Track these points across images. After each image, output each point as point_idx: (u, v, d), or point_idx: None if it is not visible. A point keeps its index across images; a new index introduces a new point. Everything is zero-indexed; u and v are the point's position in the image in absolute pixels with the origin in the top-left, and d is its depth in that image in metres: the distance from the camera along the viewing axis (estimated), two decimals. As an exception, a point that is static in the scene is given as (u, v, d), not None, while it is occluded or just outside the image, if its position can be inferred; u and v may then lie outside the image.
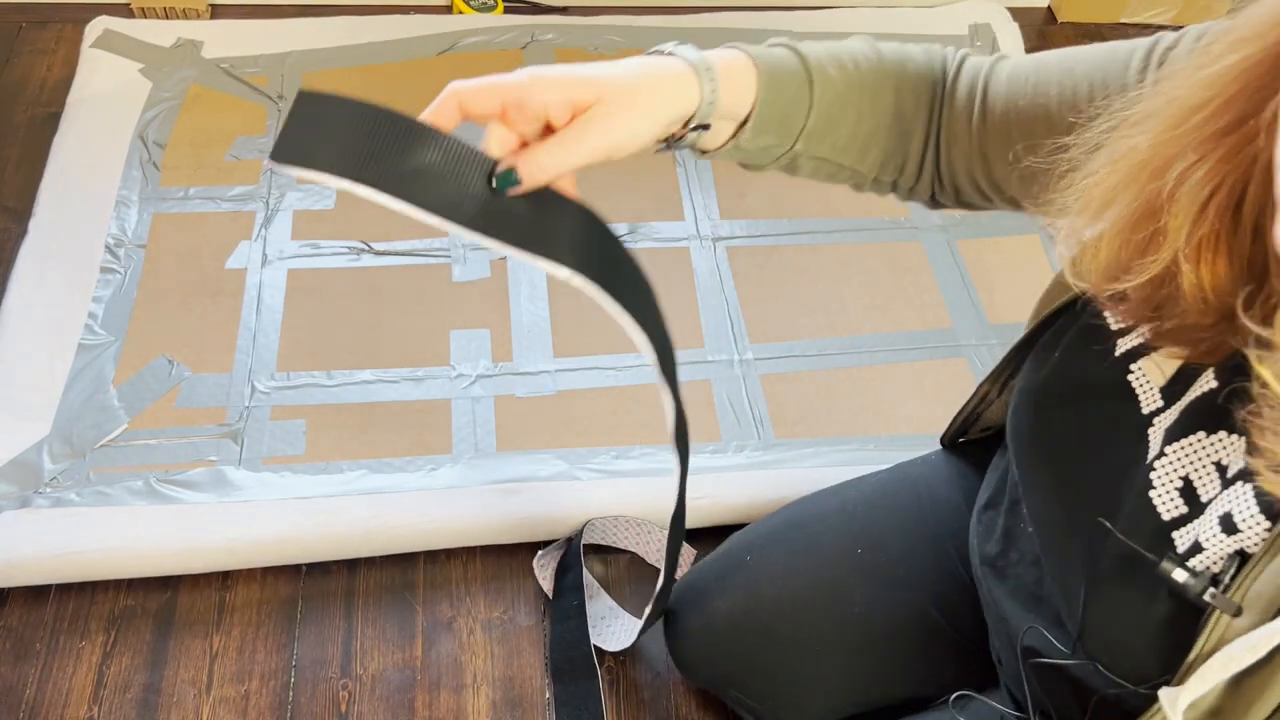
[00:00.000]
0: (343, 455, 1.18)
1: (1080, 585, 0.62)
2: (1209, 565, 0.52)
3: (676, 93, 0.57)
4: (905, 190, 0.72)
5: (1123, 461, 0.59)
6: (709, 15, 1.78)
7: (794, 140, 0.64)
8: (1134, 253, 0.52)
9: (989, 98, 0.66)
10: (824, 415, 1.27)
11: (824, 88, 0.63)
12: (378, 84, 1.61)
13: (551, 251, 0.54)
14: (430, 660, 1.07)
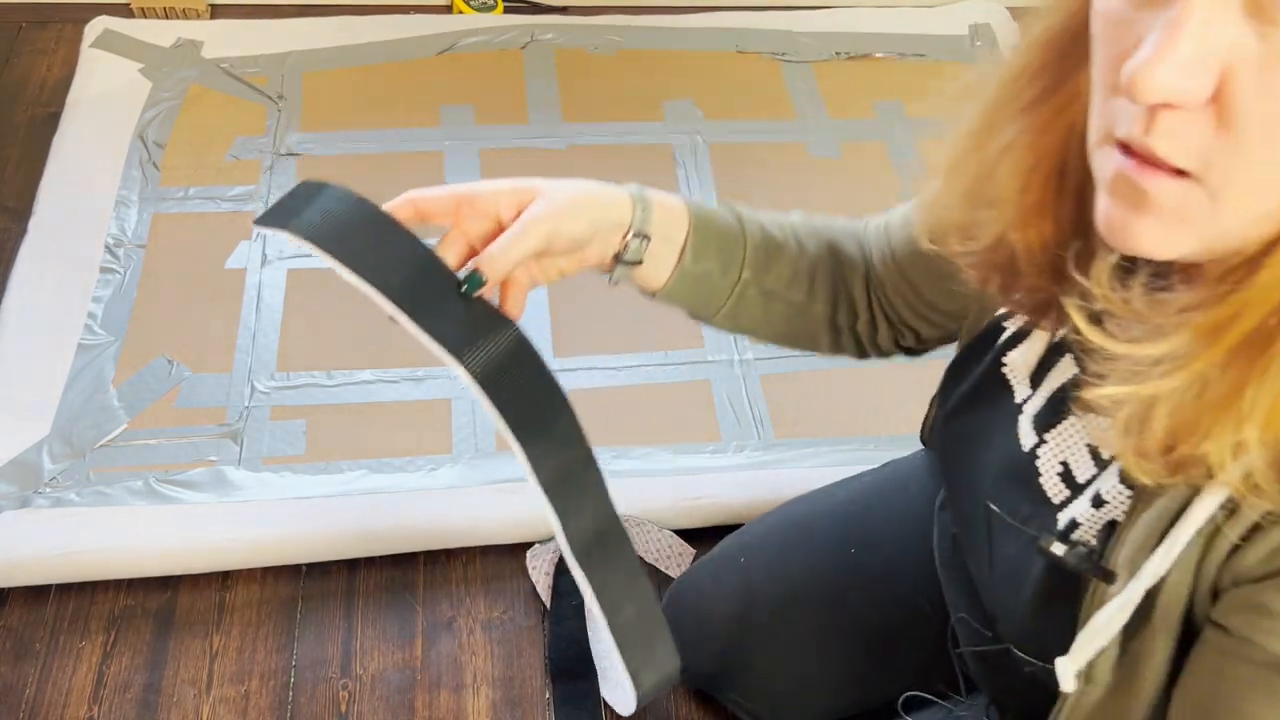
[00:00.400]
0: (343, 455, 1.18)
1: (986, 572, 0.64)
2: (1086, 538, 0.54)
3: (609, 200, 0.64)
4: (868, 339, 0.76)
5: (1010, 451, 0.61)
6: (709, 15, 1.78)
7: (739, 269, 0.70)
8: (973, 219, 0.55)
9: (891, 234, 0.74)
10: (824, 415, 1.27)
11: (752, 222, 0.71)
12: (377, 84, 1.61)
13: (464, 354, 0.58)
14: (430, 660, 1.07)
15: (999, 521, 0.62)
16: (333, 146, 1.51)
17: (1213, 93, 0.38)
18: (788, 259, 0.72)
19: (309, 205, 0.58)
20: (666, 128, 1.60)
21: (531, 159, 1.53)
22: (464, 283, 0.59)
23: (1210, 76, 0.37)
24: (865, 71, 1.73)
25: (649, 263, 0.67)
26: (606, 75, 1.67)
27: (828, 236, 0.75)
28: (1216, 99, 0.38)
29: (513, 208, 0.61)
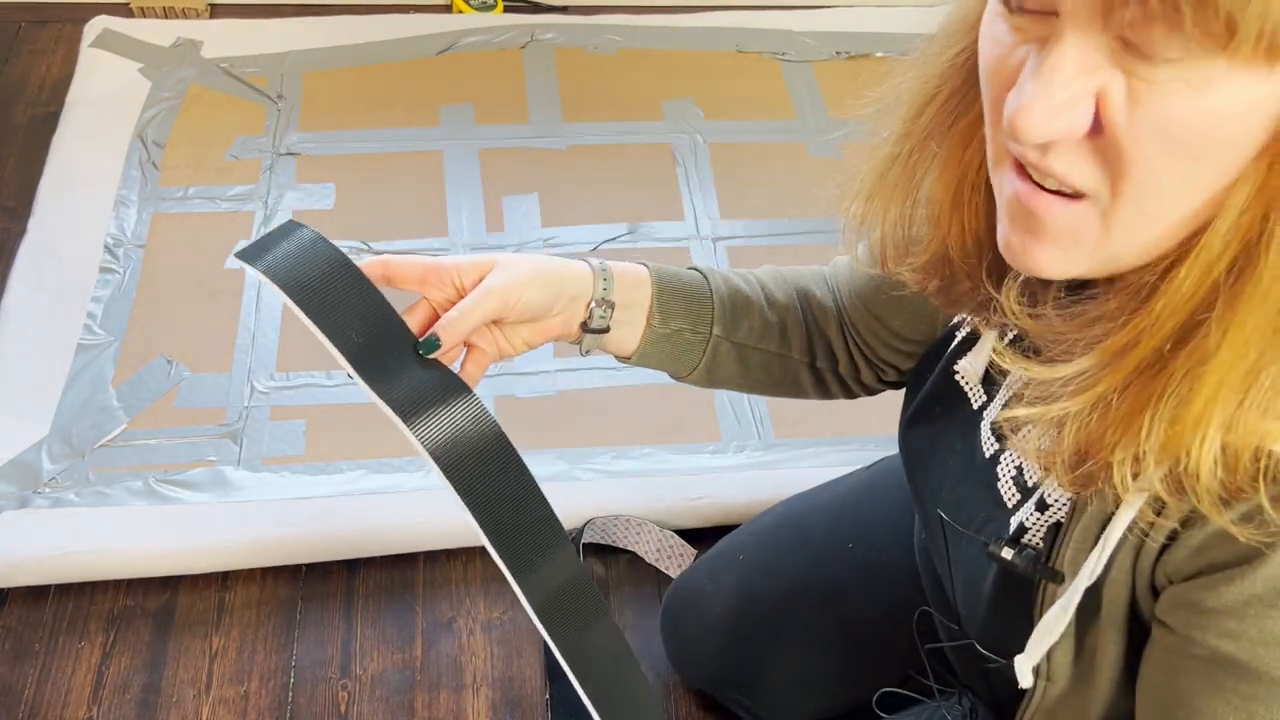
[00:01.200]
0: (343, 455, 1.18)
1: (948, 574, 0.67)
2: (1033, 542, 0.55)
3: (568, 273, 0.66)
4: (852, 380, 0.77)
5: (972, 458, 0.62)
6: (709, 15, 1.78)
7: (708, 326, 0.71)
8: (907, 236, 0.56)
9: (854, 271, 0.74)
10: (824, 415, 1.27)
11: (718, 279, 0.72)
12: (377, 83, 1.61)
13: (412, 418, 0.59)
14: (430, 661, 1.07)
15: (951, 529, 0.64)
16: (332, 146, 1.51)
17: (1092, 124, 0.39)
18: (757, 311, 0.73)
19: (284, 246, 0.59)
20: (666, 127, 1.60)
21: (531, 159, 1.53)
22: (420, 345, 0.61)
23: (1086, 111, 0.39)
24: (865, 71, 1.73)
25: (617, 329, 0.69)
26: (606, 75, 1.67)
27: (797, 285, 0.75)
28: (1096, 130, 0.39)
29: (474, 277, 0.63)
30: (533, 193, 1.49)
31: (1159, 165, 0.38)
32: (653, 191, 1.51)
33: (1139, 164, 0.39)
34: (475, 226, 1.44)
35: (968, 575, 0.63)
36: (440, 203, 1.46)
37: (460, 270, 0.63)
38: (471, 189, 1.48)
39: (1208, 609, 0.46)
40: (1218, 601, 0.45)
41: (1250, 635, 0.45)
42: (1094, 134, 0.39)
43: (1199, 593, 0.46)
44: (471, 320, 0.62)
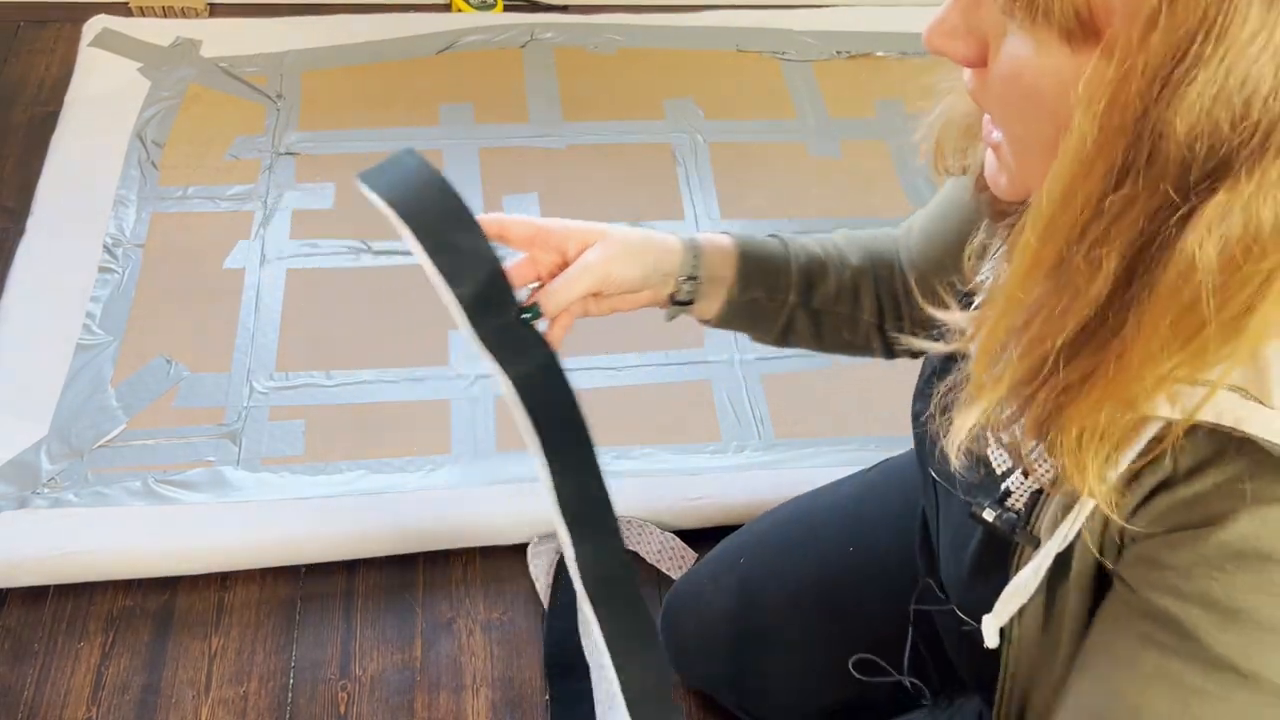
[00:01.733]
0: (342, 455, 1.18)
1: (938, 538, 0.69)
2: (1016, 506, 0.57)
3: (663, 249, 0.71)
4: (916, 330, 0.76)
5: None
6: (709, 14, 1.78)
7: (785, 293, 0.74)
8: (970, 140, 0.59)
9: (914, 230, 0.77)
10: (824, 415, 1.27)
11: (797, 246, 0.76)
12: (376, 83, 1.61)
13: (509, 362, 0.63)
14: (430, 661, 1.07)
15: (942, 490, 0.66)
16: (332, 145, 1.51)
17: (979, 57, 0.45)
18: (832, 274, 0.76)
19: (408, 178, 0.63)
20: (667, 127, 1.60)
21: (531, 158, 1.53)
22: (524, 310, 0.64)
23: (971, 44, 0.44)
24: (866, 70, 1.73)
25: (700, 301, 0.74)
26: (606, 74, 1.67)
27: (871, 247, 0.78)
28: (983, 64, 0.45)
29: (579, 247, 0.68)
30: (533, 192, 1.48)
31: (1012, 108, 0.44)
32: (653, 191, 1.51)
33: (999, 104, 0.45)
34: (475, 226, 1.43)
35: (954, 538, 0.65)
36: (440, 202, 1.46)
37: (567, 237, 0.68)
38: (471, 188, 1.48)
39: (1162, 564, 0.47)
40: (1172, 558, 0.46)
41: (1190, 595, 0.46)
42: (982, 66, 0.45)
43: (1159, 549, 0.47)
44: (572, 293, 0.67)
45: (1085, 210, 0.39)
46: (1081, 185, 0.38)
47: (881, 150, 1.60)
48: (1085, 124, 0.37)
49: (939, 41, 0.46)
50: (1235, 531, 0.44)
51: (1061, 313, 0.41)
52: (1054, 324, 0.42)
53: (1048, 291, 0.42)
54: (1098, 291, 0.40)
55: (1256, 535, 0.43)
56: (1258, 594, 0.44)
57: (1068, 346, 0.42)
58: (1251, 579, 0.44)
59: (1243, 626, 0.45)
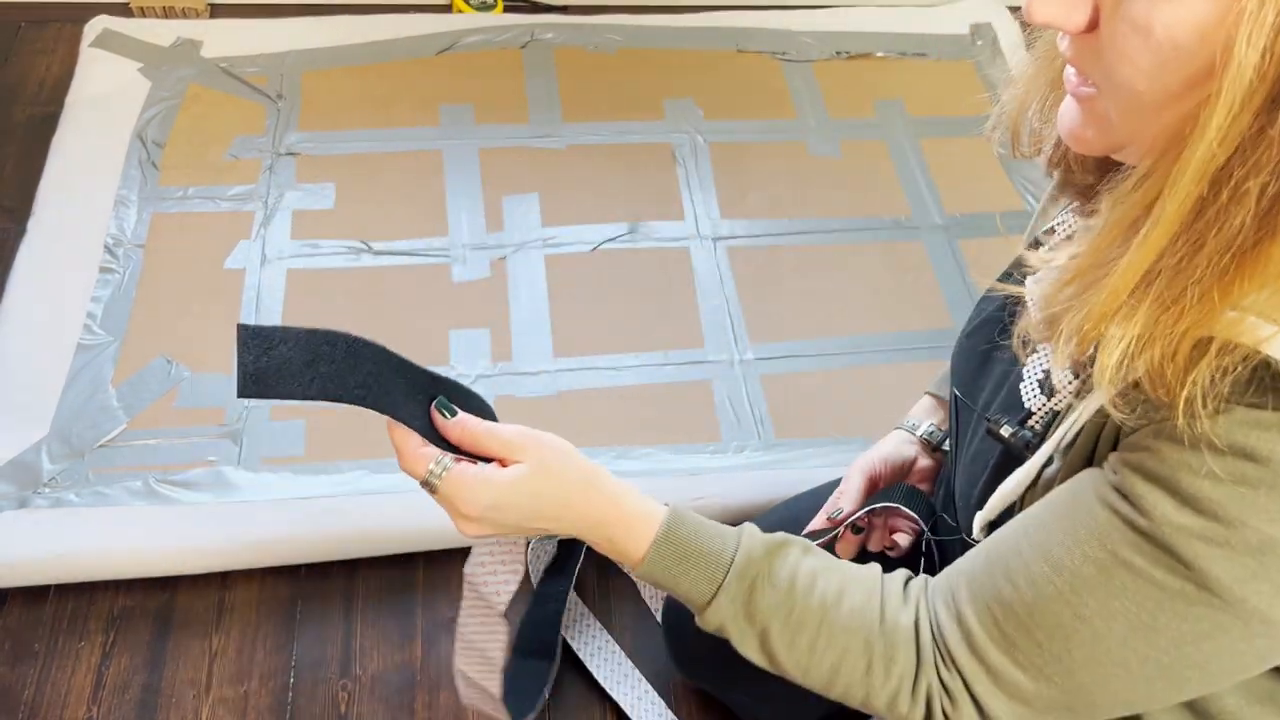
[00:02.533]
0: (342, 455, 1.18)
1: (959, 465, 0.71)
2: (1035, 425, 0.61)
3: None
4: None
5: (1012, 365, 0.66)
6: (709, 15, 1.78)
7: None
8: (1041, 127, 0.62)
9: None
10: (824, 415, 1.27)
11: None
12: (377, 83, 1.61)
13: None
14: (430, 660, 1.07)
15: (964, 410, 0.70)
16: (332, 146, 1.51)
17: (1089, 23, 0.46)
18: None
19: (274, 361, 0.60)
20: (667, 127, 1.60)
21: (531, 158, 1.53)
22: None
23: (1083, 9, 0.45)
24: (865, 71, 1.73)
25: None
26: (606, 74, 1.67)
27: None
28: (1092, 28, 0.46)
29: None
30: (533, 192, 1.49)
31: (1134, 64, 0.44)
32: (653, 191, 1.51)
33: (1116, 63, 0.45)
34: (475, 226, 1.44)
35: (973, 458, 0.67)
36: (440, 202, 1.46)
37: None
38: (471, 189, 1.48)
39: (1141, 446, 0.50)
40: (1154, 443, 0.49)
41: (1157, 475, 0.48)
42: (1093, 30, 0.46)
43: (1144, 436, 0.50)
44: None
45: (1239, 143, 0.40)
46: (1241, 118, 0.40)
47: (881, 150, 1.61)
48: (1250, 57, 0.38)
49: (1053, 12, 0.46)
50: (1222, 426, 0.45)
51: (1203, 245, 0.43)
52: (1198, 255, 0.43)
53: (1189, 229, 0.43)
54: (1240, 221, 0.41)
55: (1245, 435, 0.45)
56: (1224, 487, 0.46)
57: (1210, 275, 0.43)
58: (1224, 470, 0.46)
59: (1199, 514, 0.47)
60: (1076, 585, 0.52)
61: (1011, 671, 0.55)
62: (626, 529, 0.66)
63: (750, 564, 0.64)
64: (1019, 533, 0.56)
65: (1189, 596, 0.48)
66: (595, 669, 1.06)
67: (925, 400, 0.91)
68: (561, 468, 0.66)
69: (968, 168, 1.59)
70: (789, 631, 0.62)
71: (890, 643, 0.60)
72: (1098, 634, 0.51)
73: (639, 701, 1.05)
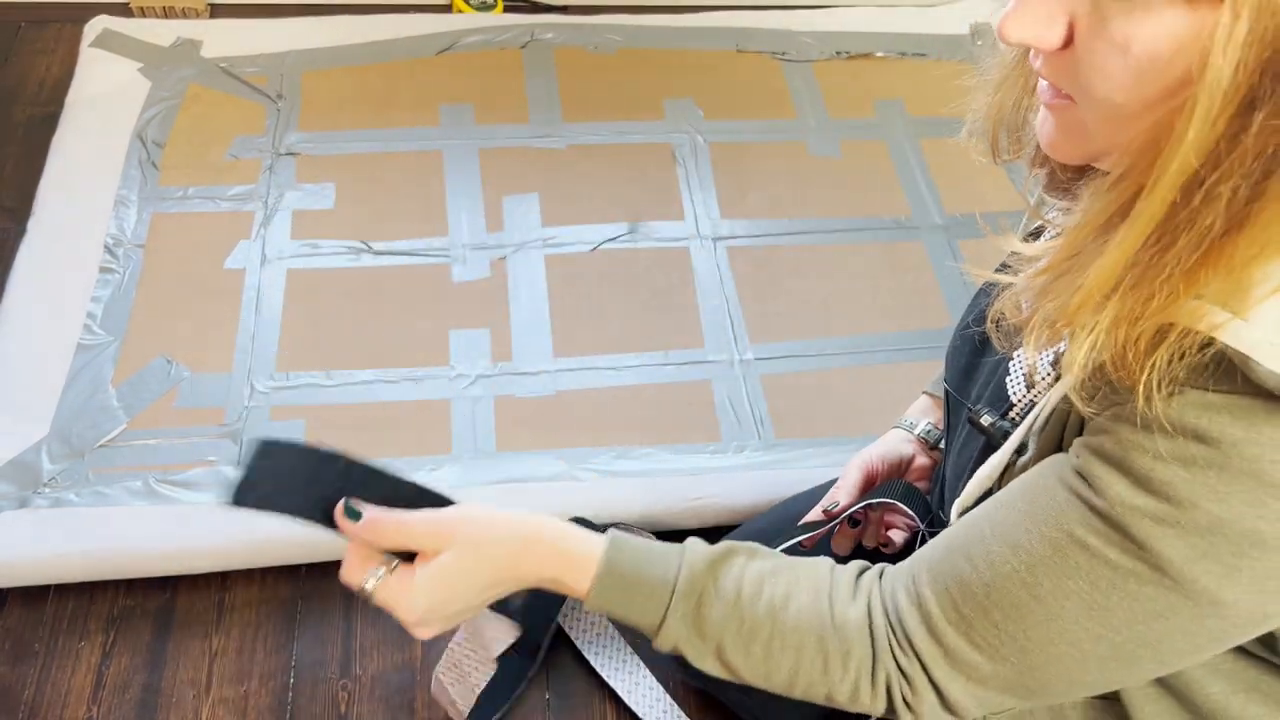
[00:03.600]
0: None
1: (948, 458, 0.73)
2: (1013, 416, 0.62)
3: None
4: None
5: (998, 358, 0.67)
6: (709, 15, 1.78)
7: None
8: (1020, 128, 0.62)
9: None
10: (824, 415, 1.27)
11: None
12: (377, 83, 1.61)
13: None
14: (430, 660, 1.07)
15: (955, 404, 0.71)
16: (332, 146, 1.51)
17: (1067, 40, 0.46)
18: None
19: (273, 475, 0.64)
20: (667, 127, 1.60)
21: (531, 158, 1.53)
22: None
23: (1058, 27, 0.46)
24: (865, 71, 1.73)
25: None
26: (606, 74, 1.67)
27: None
28: (1069, 44, 0.46)
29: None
30: (533, 192, 1.49)
31: (1113, 79, 0.45)
32: (653, 191, 1.51)
33: (1096, 79, 0.45)
34: (475, 226, 1.44)
35: (960, 449, 0.69)
36: (440, 202, 1.46)
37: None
38: (471, 188, 1.48)
39: (1100, 429, 0.51)
40: (1112, 426, 0.50)
41: (1113, 457, 0.49)
42: (1067, 48, 0.46)
43: (1104, 421, 0.51)
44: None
45: (1214, 149, 0.41)
46: (1216, 125, 0.41)
47: (881, 150, 1.61)
48: (1224, 68, 0.39)
49: (1028, 31, 0.46)
50: (1174, 408, 0.46)
51: (1174, 245, 0.44)
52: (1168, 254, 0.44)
53: (1161, 232, 0.44)
54: (1211, 220, 0.42)
55: (1195, 417, 0.46)
56: (1175, 468, 0.47)
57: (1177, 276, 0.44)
58: (1175, 452, 0.47)
59: (1151, 495, 0.48)
60: (1033, 564, 0.52)
61: (968, 653, 0.56)
62: (571, 570, 0.65)
63: (694, 580, 0.63)
64: (982, 517, 0.57)
65: (1141, 576, 0.49)
66: (593, 656, 1.06)
67: (922, 399, 0.92)
68: (492, 536, 0.66)
69: (968, 168, 1.58)
70: (742, 641, 0.62)
71: (843, 637, 0.60)
72: (1051, 613, 0.52)
73: (636, 687, 1.05)
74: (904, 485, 0.83)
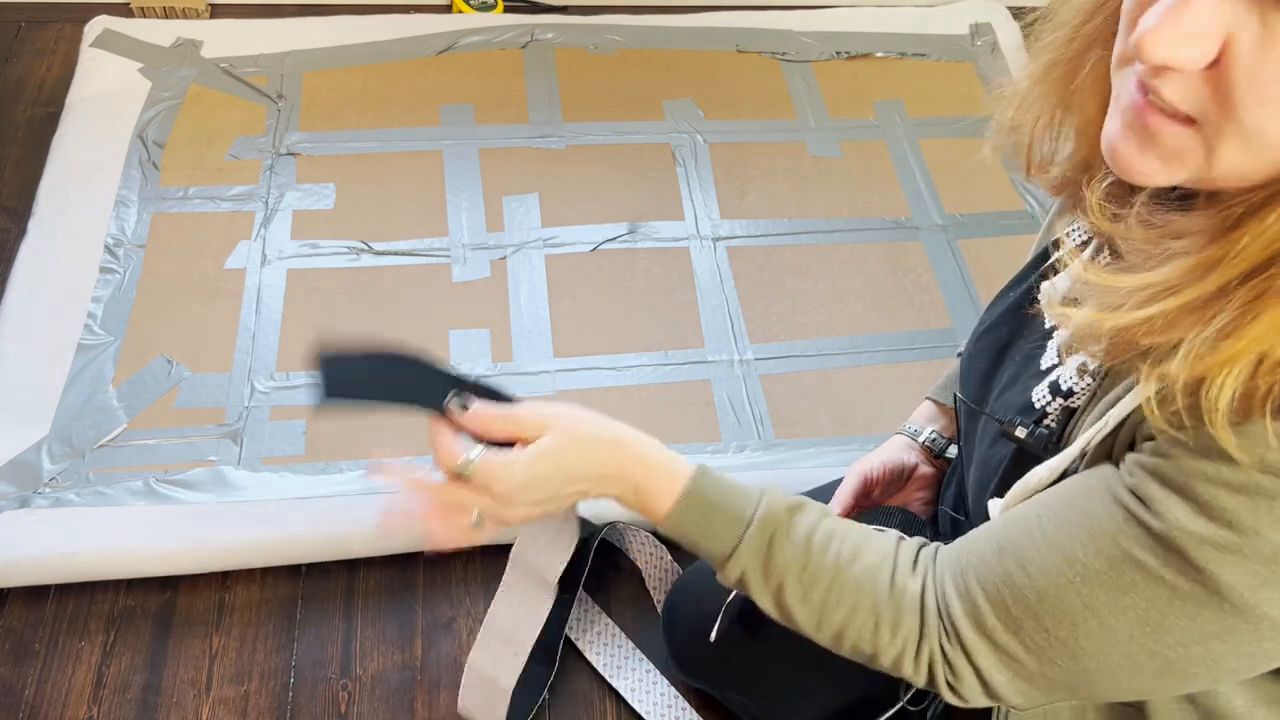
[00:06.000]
0: (343, 455, 1.18)
1: (969, 469, 0.72)
2: (1049, 424, 0.61)
3: None
4: None
5: (1025, 366, 0.66)
6: (709, 15, 1.78)
7: None
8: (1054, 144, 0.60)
9: None
10: (824, 415, 1.27)
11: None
12: (377, 83, 1.61)
13: None
14: (430, 660, 1.07)
15: (976, 417, 0.70)
16: (332, 146, 1.51)
17: (1214, 59, 0.41)
18: None
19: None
20: (667, 127, 1.60)
21: (531, 158, 1.53)
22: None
23: (1211, 45, 0.41)
24: (865, 71, 1.73)
25: None
26: (607, 74, 1.67)
27: None
28: (1217, 65, 0.41)
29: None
30: (533, 192, 1.49)
31: (1270, 108, 0.41)
32: (653, 191, 1.51)
33: (1252, 105, 0.41)
34: (475, 226, 1.44)
35: (984, 464, 0.68)
36: (440, 202, 1.46)
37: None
38: (471, 189, 1.48)
39: (1159, 452, 0.49)
40: (1171, 450, 0.48)
41: (1173, 482, 0.48)
42: (1213, 68, 0.42)
43: (1166, 444, 0.49)
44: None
45: None
46: None
47: (881, 150, 1.61)
48: None
49: (1180, 51, 0.41)
50: (1239, 437, 0.45)
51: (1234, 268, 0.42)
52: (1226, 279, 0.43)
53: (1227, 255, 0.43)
54: None
55: (1263, 446, 0.44)
56: (1239, 497, 0.46)
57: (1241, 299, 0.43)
58: (1239, 480, 0.45)
59: (1212, 521, 0.47)
60: (1088, 577, 0.52)
61: (1018, 651, 0.56)
62: (656, 482, 0.67)
63: (770, 518, 0.65)
64: (1032, 521, 0.56)
65: (1199, 599, 0.48)
66: (594, 656, 1.06)
67: (927, 406, 0.91)
68: (589, 432, 0.67)
69: (967, 168, 1.59)
70: (802, 586, 0.64)
71: (897, 606, 0.61)
72: (1105, 626, 0.52)
73: (639, 684, 1.05)
74: (902, 514, 0.83)
